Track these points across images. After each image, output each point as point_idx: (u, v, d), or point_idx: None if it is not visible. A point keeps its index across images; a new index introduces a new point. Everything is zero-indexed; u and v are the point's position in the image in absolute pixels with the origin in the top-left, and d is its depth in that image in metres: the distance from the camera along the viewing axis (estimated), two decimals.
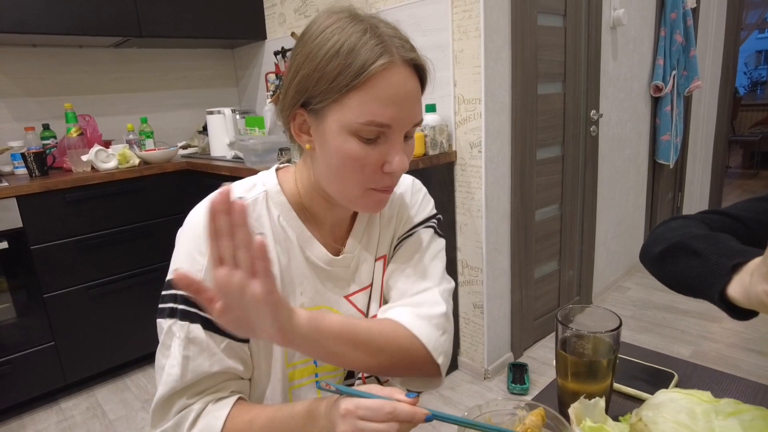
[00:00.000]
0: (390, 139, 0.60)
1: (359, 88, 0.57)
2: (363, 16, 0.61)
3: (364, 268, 0.76)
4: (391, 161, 0.61)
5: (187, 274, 0.48)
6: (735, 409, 0.52)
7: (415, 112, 0.62)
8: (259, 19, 2.68)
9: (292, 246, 0.69)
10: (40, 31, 2.04)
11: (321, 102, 0.59)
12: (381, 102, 0.58)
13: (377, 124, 0.58)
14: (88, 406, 2.07)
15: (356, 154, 0.59)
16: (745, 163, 6.20)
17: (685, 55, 2.94)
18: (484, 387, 1.99)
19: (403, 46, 0.60)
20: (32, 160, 2.04)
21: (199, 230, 0.64)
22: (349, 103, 0.58)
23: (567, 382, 0.64)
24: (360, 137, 0.59)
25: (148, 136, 2.50)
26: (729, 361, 2.09)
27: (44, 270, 1.96)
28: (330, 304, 0.73)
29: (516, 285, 2.09)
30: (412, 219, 0.79)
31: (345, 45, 0.57)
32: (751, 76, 9.02)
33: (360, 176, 0.61)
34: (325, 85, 0.58)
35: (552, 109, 2.14)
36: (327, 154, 0.62)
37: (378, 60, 0.57)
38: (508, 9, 1.80)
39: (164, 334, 0.64)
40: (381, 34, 0.59)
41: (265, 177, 0.71)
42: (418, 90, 0.62)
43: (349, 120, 0.58)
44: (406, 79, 0.59)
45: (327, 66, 0.58)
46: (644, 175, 3.02)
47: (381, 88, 0.58)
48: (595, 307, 0.66)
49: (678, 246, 0.66)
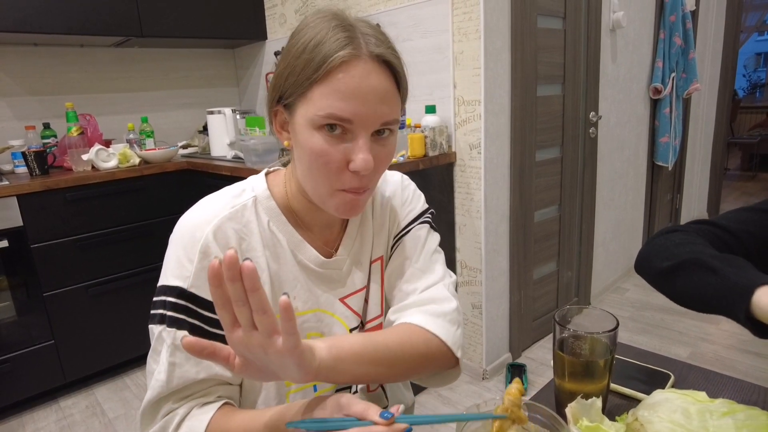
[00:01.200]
0: (355, 137, 0.59)
1: (321, 81, 0.57)
2: (344, 16, 0.60)
3: (358, 270, 0.76)
4: (355, 159, 0.59)
5: (195, 342, 0.46)
6: (729, 408, 0.52)
7: (383, 111, 0.59)
8: (260, 19, 2.68)
9: (283, 250, 0.69)
10: (42, 31, 2.05)
11: (290, 97, 0.60)
12: (341, 95, 0.56)
13: (336, 117, 0.57)
14: (88, 405, 2.08)
15: (320, 149, 0.58)
16: (743, 165, 6.21)
17: (684, 58, 2.95)
18: (482, 387, 2.00)
19: (375, 41, 0.59)
20: (33, 159, 2.04)
21: (189, 237, 0.64)
22: (312, 97, 0.58)
23: (564, 382, 0.65)
24: (324, 133, 0.58)
25: (148, 136, 2.51)
26: (726, 363, 2.09)
27: (44, 269, 1.97)
28: (324, 307, 0.73)
29: (515, 286, 2.10)
30: (406, 217, 0.79)
31: (313, 40, 0.57)
32: (750, 78, 9.04)
33: (326, 173, 0.60)
34: (293, 78, 0.59)
35: (551, 110, 2.14)
36: (299, 151, 0.62)
37: (339, 51, 0.56)
38: (508, 11, 1.81)
39: (155, 340, 0.65)
40: (352, 29, 0.58)
41: (254, 182, 0.71)
42: (388, 86, 0.59)
43: (312, 113, 0.58)
44: (371, 72, 0.58)
45: (296, 61, 0.58)
46: (643, 177, 3.03)
47: (341, 81, 0.56)
48: (592, 308, 0.67)
49: (692, 263, 0.66)
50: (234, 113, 2.40)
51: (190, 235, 0.64)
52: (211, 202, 0.68)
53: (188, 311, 0.63)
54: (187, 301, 0.63)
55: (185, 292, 0.63)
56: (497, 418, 0.54)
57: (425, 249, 0.77)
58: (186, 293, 0.63)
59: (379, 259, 0.79)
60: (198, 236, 0.64)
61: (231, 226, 0.65)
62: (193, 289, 0.63)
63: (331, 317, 0.74)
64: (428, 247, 0.78)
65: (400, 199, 0.80)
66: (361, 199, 0.64)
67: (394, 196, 0.80)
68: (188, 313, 0.63)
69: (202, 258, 0.63)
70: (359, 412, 0.51)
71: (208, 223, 0.65)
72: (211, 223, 0.64)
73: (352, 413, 0.52)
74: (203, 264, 0.63)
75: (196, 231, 0.64)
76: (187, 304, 0.63)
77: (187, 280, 0.63)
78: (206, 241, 0.64)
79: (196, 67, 2.90)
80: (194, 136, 2.81)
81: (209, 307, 0.64)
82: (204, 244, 0.63)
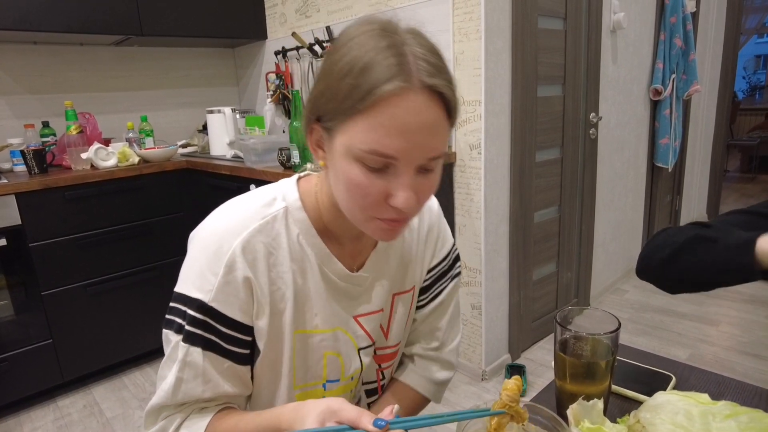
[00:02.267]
0: (398, 171, 0.54)
1: (365, 112, 0.51)
2: (395, 30, 0.54)
3: (379, 291, 0.74)
4: (396, 195, 0.55)
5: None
6: (732, 411, 0.52)
7: (432, 145, 0.54)
8: (260, 18, 2.68)
9: (310, 265, 0.67)
10: (42, 29, 2.04)
11: (330, 121, 0.55)
12: (387, 130, 0.51)
13: (381, 154, 0.52)
14: (85, 404, 2.07)
15: (359, 181, 0.54)
16: (743, 167, 6.21)
17: (684, 59, 2.95)
18: (481, 388, 2.00)
19: (428, 69, 0.52)
20: (31, 157, 2.04)
21: (215, 248, 0.62)
22: (355, 128, 0.52)
23: (565, 384, 0.64)
24: (364, 165, 0.54)
25: (148, 135, 2.50)
26: (726, 365, 2.09)
27: (43, 267, 1.96)
28: (341, 325, 0.72)
29: (514, 286, 2.09)
30: (440, 251, 0.81)
31: (360, 62, 0.51)
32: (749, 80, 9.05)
33: (362, 204, 0.56)
34: (335, 103, 0.53)
35: (551, 111, 2.14)
36: (335, 175, 0.58)
37: (389, 82, 0.50)
38: (509, 11, 1.81)
39: (170, 348, 0.64)
40: (403, 53, 0.51)
41: (285, 189, 0.67)
42: (439, 120, 0.53)
43: (354, 145, 0.53)
44: (422, 107, 0.51)
45: (339, 84, 0.52)
46: (643, 178, 3.02)
47: (389, 115, 0.51)
48: (593, 309, 0.66)
49: (691, 240, 0.68)
50: (234, 112, 2.39)
51: (217, 245, 0.62)
52: (241, 210, 0.65)
53: (206, 326, 0.62)
54: (206, 316, 0.62)
55: (205, 305, 0.61)
56: (496, 414, 0.54)
57: (454, 305, 0.85)
58: (206, 307, 0.61)
59: (411, 290, 0.78)
60: (225, 249, 0.61)
61: (260, 240, 0.63)
62: (214, 304, 0.61)
63: (344, 335, 0.72)
64: (452, 307, 0.85)
65: (437, 231, 0.80)
66: (400, 228, 0.61)
67: (431, 229, 0.80)
68: (206, 328, 0.62)
69: (226, 272, 0.61)
70: (352, 419, 0.50)
71: (237, 236, 0.62)
72: (240, 236, 0.62)
73: (344, 420, 0.51)
74: (227, 279, 0.61)
75: (223, 243, 0.62)
76: (205, 319, 0.62)
77: (208, 294, 0.61)
78: (233, 255, 0.61)
79: (195, 66, 2.90)
80: (194, 135, 2.81)
81: (228, 324, 0.63)
82: (230, 259, 0.61)
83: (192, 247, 0.65)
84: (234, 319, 0.63)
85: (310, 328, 0.69)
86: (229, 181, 2.06)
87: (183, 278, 0.64)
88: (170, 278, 2.32)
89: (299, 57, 2.49)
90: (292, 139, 1.71)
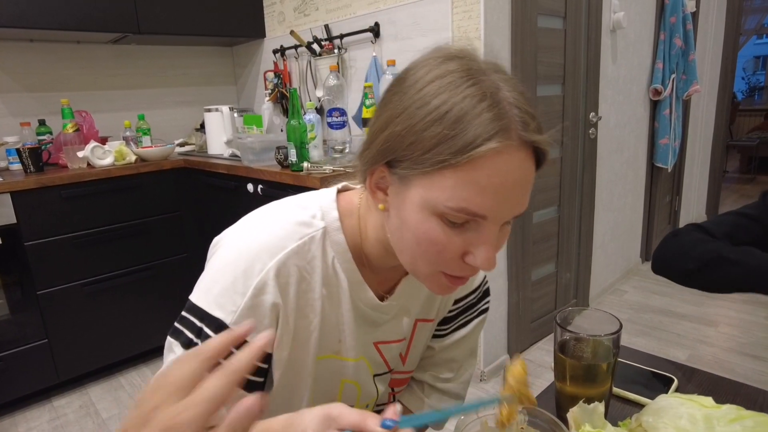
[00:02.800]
0: (481, 229, 0.49)
1: (458, 168, 0.46)
2: (482, 71, 0.49)
3: (404, 320, 0.71)
4: (476, 254, 0.50)
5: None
6: (737, 415, 0.51)
7: (522, 202, 0.50)
8: (259, 17, 2.66)
9: (342, 291, 0.63)
10: (38, 26, 2.03)
11: (409, 169, 0.49)
12: (481, 189, 0.46)
13: (470, 213, 0.48)
14: (81, 405, 2.06)
15: (436, 238, 0.50)
16: (742, 167, 6.21)
17: (684, 59, 2.94)
18: (480, 389, 1.98)
19: (525, 121, 0.47)
20: (27, 155, 2.02)
21: (246, 265, 0.57)
22: (442, 181, 0.47)
23: (565, 386, 0.63)
24: (445, 221, 0.49)
25: (145, 133, 2.49)
26: (725, 366, 2.08)
27: (38, 267, 1.95)
28: (364, 353, 0.69)
29: (513, 287, 2.08)
30: (470, 284, 0.77)
31: (453, 110, 0.46)
32: (749, 81, 9.06)
33: (433, 260, 0.52)
34: (419, 152, 0.47)
35: (551, 111, 2.13)
36: (402, 224, 0.52)
37: (491, 141, 0.45)
38: (509, 10, 1.79)
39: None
40: (500, 104, 0.47)
41: (324, 206, 0.62)
42: (531, 175, 0.50)
43: (437, 200, 0.48)
44: (520, 165, 0.48)
45: (425, 131, 0.47)
46: (642, 178, 3.02)
47: (486, 174, 0.46)
48: (593, 310, 0.65)
49: (715, 261, 0.77)
50: (231, 111, 2.38)
51: (249, 263, 0.57)
52: (276, 226, 0.60)
53: None
54: None
55: (225, 327, 0.56)
56: (505, 401, 0.51)
57: (475, 341, 0.83)
58: (225, 329, 0.56)
59: (430, 321, 0.76)
60: (258, 269, 0.57)
61: (295, 263, 0.58)
62: (235, 327, 0.58)
63: (364, 363, 0.69)
64: (474, 340, 0.83)
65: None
66: (463, 284, 0.56)
67: None
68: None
69: (255, 295, 0.56)
70: (355, 423, 0.46)
71: (272, 257, 0.57)
72: (276, 257, 0.57)
73: (345, 425, 0.47)
74: (254, 302, 0.57)
75: (256, 261, 0.57)
76: None
77: (231, 315, 0.56)
78: (266, 277, 0.57)
79: (193, 64, 2.89)
80: (191, 134, 2.79)
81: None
82: (262, 281, 0.57)
83: (218, 258, 0.60)
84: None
85: (332, 353, 0.66)
86: (227, 180, 2.05)
87: (203, 290, 0.59)
88: (167, 278, 2.31)
89: (297, 56, 2.47)
90: (290, 137, 1.70)
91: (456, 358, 0.81)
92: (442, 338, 0.79)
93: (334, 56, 2.22)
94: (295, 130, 1.69)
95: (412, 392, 0.83)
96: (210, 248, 0.63)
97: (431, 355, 0.81)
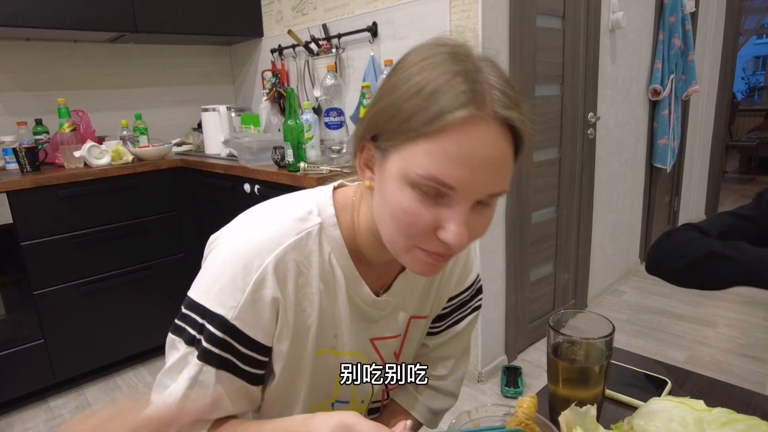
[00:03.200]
0: (453, 204, 0.50)
1: (430, 137, 0.48)
2: (468, 56, 0.51)
3: (400, 316, 0.72)
4: (447, 229, 0.51)
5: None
6: (728, 418, 0.50)
7: (495, 181, 0.50)
8: (257, 16, 2.66)
9: (339, 286, 0.64)
10: (35, 25, 2.02)
11: (388, 141, 0.52)
12: (450, 158, 0.48)
13: (439, 182, 0.48)
14: (78, 405, 2.05)
15: (408, 208, 0.51)
16: (742, 168, 6.20)
17: (683, 59, 2.94)
18: (477, 390, 1.98)
19: (502, 100, 0.49)
20: (24, 155, 2.02)
21: (245, 261, 0.58)
22: (415, 151, 0.49)
23: (558, 389, 0.63)
24: (418, 192, 0.50)
25: (142, 133, 2.48)
26: (724, 367, 2.08)
27: (34, 266, 1.94)
28: (360, 348, 0.70)
29: (511, 287, 2.08)
30: (465, 281, 0.78)
31: (430, 85, 0.48)
32: (748, 81, 9.04)
33: (408, 233, 0.52)
34: (396, 123, 0.50)
35: (550, 111, 2.13)
36: (382, 199, 0.54)
37: (460, 109, 0.46)
38: (507, 10, 1.79)
39: (178, 359, 0.60)
40: (477, 80, 0.48)
41: (320, 202, 0.63)
42: (506, 155, 0.50)
43: (409, 168, 0.49)
44: (492, 139, 0.48)
45: (404, 104, 0.49)
46: (641, 179, 3.01)
47: (455, 144, 0.47)
48: (588, 313, 0.65)
49: (706, 257, 0.77)
50: (229, 111, 2.37)
51: (248, 260, 0.58)
52: (274, 223, 0.61)
53: (223, 344, 0.59)
54: (226, 334, 0.58)
55: (227, 323, 0.58)
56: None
57: (468, 338, 0.84)
58: (228, 325, 0.58)
59: (424, 317, 0.76)
60: (256, 265, 0.58)
61: (292, 258, 0.60)
62: (236, 322, 0.58)
63: (360, 358, 0.70)
64: (468, 336, 0.83)
65: (464, 259, 0.77)
66: (442, 265, 0.57)
67: (459, 256, 0.76)
68: (224, 347, 0.59)
69: (254, 290, 0.58)
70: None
71: (270, 252, 0.58)
72: (274, 252, 0.58)
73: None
74: (254, 297, 0.58)
75: (254, 257, 0.58)
76: (225, 337, 0.58)
77: (231, 311, 0.58)
78: (264, 272, 0.58)
79: (191, 63, 2.88)
80: (189, 133, 2.79)
81: (249, 344, 0.60)
82: (261, 276, 0.58)
83: (216, 256, 0.61)
84: (255, 340, 0.60)
85: (330, 348, 0.67)
86: (224, 180, 2.04)
87: (203, 288, 0.60)
88: (164, 277, 2.31)
89: (295, 55, 2.47)
90: (287, 137, 1.69)
91: (450, 356, 0.82)
92: (436, 335, 0.80)
93: (331, 56, 2.21)
94: (293, 130, 1.68)
95: (406, 390, 0.83)
96: (207, 246, 0.64)
97: (425, 353, 0.82)
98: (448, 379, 0.82)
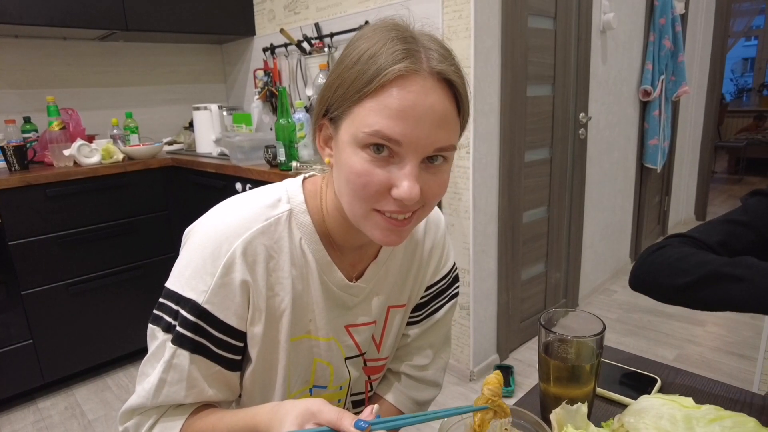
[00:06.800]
0: (402, 161, 0.52)
1: (372, 96, 0.51)
2: (406, 26, 0.55)
3: (375, 303, 0.73)
4: (399, 185, 0.52)
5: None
6: (716, 415, 0.51)
7: (439, 135, 0.52)
8: (249, 14, 2.65)
9: (311, 271, 0.65)
10: (23, 22, 1.99)
11: (337, 109, 0.54)
12: (392, 112, 0.50)
13: (384, 136, 0.51)
14: (67, 406, 2.03)
15: (361, 169, 0.53)
16: (730, 168, 6.28)
17: (673, 61, 2.97)
18: (469, 389, 1.99)
19: (437, 57, 0.52)
20: (12, 153, 1.99)
21: (214, 247, 0.60)
22: (360, 112, 0.52)
23: (549, 387, 0.63)
24: (369, 152, 0.52)
25: (132, 132, 2.46)
26: (712, 365, 2.10)
27: (23, 266, 1.92)
28: (335, 334, 0.70)
29: (503, 287, 2.08)
30: (441, 269, 0.80)
31: (368, 51, 0.52)
32: (737, 83, 9.14)
33: (364, 195, 0.54)
34: (342, 91, 0.53)
35: (541, 111, 2.14)
36: (339, 169, 0.56)
37: (395, 65, 0.50)
38: (499, 10, 1.80)
39: (156, 346, 0.62)
40: (413, 41, 0.52)
41: (290, 190, 0.65)
42: (447, 108, 0.53)
43: (358, 130, 0.52)
44: (429, 91, 0.51)
45: (347, 72, 0.53)
46: (632, 179, 3.04)
47: (395, 98, 0.50)
48: (578, 311, 0.65)
49: (713, 276, 0.68)
50: (220, 109, 2.36)
51: (216, 245, 0.60)
52: (244, 209, 0.63)
53: (197, 329, 0.60)
54: (199, 318, 0.59)
55: (199, 307, 0.59)
56: (479, 410, 0.53)
57: (448, 327, 0.84)
58: (199, 309, 0.59)
59: (402, 306, 0.77)
60: (225, 249, 0.59)
61: (262, 242, 0.61)
62: (208, 306, 0.59)
63: (335, 344, 0.71)
64: (447, 326, 0.84)
65: (441, 248, 0.78)
66: (404, 230, 0.57)
67: (436, 246, 0.77)
68: (197, 331, 0.60)
69: (224, 274, 0.59)
70: (332, 420, 0.49)
71: (238, 236, 0.60)
72: (242, 237, 0.60)
73: (324, 421, 0.50)
74: (224, 280, 0.59)
75: (222, 242, 0.60)
76: (198, 322, 0.60)
77: (202, 295, 0.59)
78: (233, 256, 0.59)
79: (182, 62, 2.86)
80: (180, 132, 2.77)
81: (222, 328, 0.61)
82: (229, 260, 0.59)
83: (188, 244, 0.62)
84: (227, 323, 0.61)
85: (305, 333, 0.68)
86: (215, 179, 2.03)
87: (176, 275, 0.62)
88: (155, 277, 2.29)
89: (287, 54, 2.46)
90: (279, 136, 1.69)
91: (431, 344, 0.83)
92: (416, 324, 0.81)
93: (324, 55, 2.20)
94: (284, 129, 1.68)
95: (389, 383, 0.84)
96: (183, 237, 0.66)
97: (407, 343, 0.82)
98: (430, 368, 0.83)
